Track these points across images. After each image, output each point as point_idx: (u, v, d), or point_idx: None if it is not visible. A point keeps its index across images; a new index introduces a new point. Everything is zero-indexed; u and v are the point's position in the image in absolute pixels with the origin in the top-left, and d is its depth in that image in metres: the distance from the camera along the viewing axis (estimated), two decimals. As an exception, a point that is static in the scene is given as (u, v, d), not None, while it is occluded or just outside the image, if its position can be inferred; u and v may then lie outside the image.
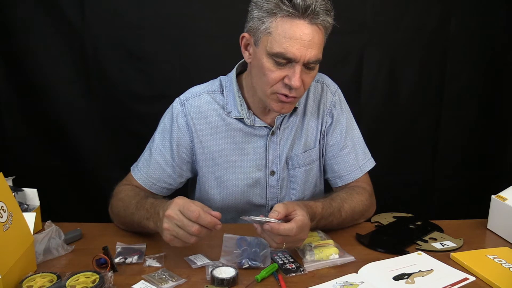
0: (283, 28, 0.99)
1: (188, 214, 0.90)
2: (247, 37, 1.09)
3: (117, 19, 1.74)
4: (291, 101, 1.09)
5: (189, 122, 1.19)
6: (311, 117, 1.24)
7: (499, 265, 0.98)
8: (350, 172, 1.26)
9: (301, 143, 1.24)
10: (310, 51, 1.00)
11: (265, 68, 1.04)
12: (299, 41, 0.99)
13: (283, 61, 1.01)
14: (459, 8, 1.83)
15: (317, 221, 1.06)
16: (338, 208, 1.11)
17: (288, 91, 1.05)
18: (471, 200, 2.00)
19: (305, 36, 0.99)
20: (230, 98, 1.20)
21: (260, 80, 1.08)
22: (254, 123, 1.19)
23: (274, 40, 1.00)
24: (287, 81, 1.03)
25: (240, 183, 1.23)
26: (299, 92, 1.07)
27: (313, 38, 0.99)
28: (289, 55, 1.00)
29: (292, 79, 1.02)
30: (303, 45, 0.99)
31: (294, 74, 1.01)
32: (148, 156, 1.22)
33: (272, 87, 1.06)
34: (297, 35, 0.98)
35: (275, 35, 1.00)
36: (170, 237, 0.92)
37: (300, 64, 1.01)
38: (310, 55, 1.00)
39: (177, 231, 0.91)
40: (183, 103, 1.21)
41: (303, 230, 0.95)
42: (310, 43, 0.99)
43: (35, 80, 1.77)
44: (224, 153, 1.21)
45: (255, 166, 1.22)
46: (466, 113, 1.96)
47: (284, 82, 1.04)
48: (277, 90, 1.06)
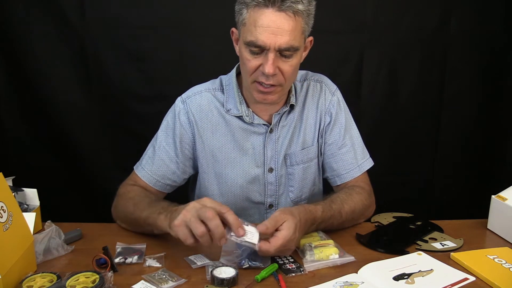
0: (254, 18, 1.03)
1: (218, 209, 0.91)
2: (234, 31, 1.14)
3: (117, 19, 1.74)
4: (271, 91, 1.11)
5: (190, 118, 1.21)
6: (309, 115, 1.25)
7: (499, 265, 0.98)
8: (349, 171, 1.26)
9: (299, 141, 1.24)
10: (280, 38, 1.02)
11: (244, 58, 1.08)
12: (267, 28, 1.02)
13: (256, 49, 1.05)
14: (459, 8, 1.83)
15: (317, 225, 1.07)
16: (339, 210, 1.12)
17: (264, 79, 1.08)
18: (471, 200, 2.00)
19: (273, 24, 1.01)
20: (230, 96, 1.22)
21: (243, 70, 1.13)
22: (253, 120, 1.20)
23: (247, 30, 1.05)
24: (262, 68, 1.06)
25: (239, 179, 1.23)
26: (277, 80, 1.08)
27: (281, 25, 1.02)
28: (259, 42, 1.03)
29: (265, 66, 1.05)
30: (271, 32, 1.02)
31: (267, 61, 1.04)
32: (152, 154, 1.23)
33: (251, 76, 1.09)
34: (265, 23, 1.02)
35: (248, 25, 1.04)
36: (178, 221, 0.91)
37: (272, 51, 1.03)
38: (280, 42, 1.02)
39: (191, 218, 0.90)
40: (184, 101, 1.23)
41: (288, 244, 0.95)
42: (278, 30, 1.02)
43: (35, 80, 1.77)
44: (224, 149, 1.22)
45: (254, 163, 1.23)
46: (466, 113, 1.96)
47: (260, 70, 1.07)
48: (255, 78, 1.10)
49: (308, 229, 1.04)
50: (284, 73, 1.08)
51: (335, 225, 1.12)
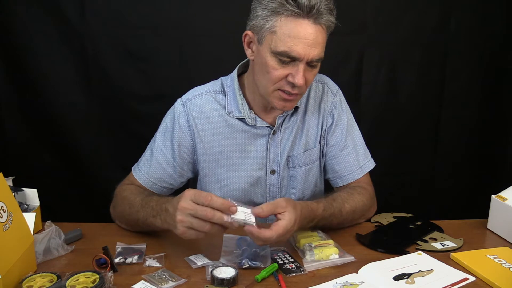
0: (287, 27, 1.00)
1: (200, 200, 0.90)
2: (250, 35, 1.10)
3: (117, 19, 1.74)
4: (293, 99, 1.11)
5: (190, 122, 1.20)
6: (312, 117, 1.25)
7: (499, 265, 0.98)
8: (351, 172, 1.26)
9: (302, 143, 1.24)
10: (313, 50, 1.02)
11: (269, 66, 1.05)
12: (303, 40, 1.00)
13: (287, 59, 1.03)
14: (459, 8, 1.83)
15: (316, 222, 1.07)
16: (339, 209, 1.11)
17: (291, 88, 1.07)
18: (471, 200, 2.00)
19: (309, 36, 1.00)
20: (231, 98, 1.20)
21: (263, 77, 1.10)
22: (255, 122, 1.19)
23: (278, 39, 1.02)
24: (291, 79, 1.05)
25: (241, 182, 1.23)
26: (301, 90, 1.08)
27: (316, 38, 1.01)
28: (294, 54, 1.01)
29: (296, 77, 1.04)
30: (307, 44, 1.01)
31: (298, 72, 1.03)
32: (149, 156, 1.22)
33: (275, 84, 1.08)
34: (301, 35, 1.00)
35: (279, 34, 1.01)
36: (183, 229, 0.91)
37: (303, 62, 1.03)
38: (313, 54, 1.02)
39: (191, 221, 0.90)
40: (184, 104, 1.21)
41: (286, 234, 0.95)
42: (313, 42, 1.01)
43: (35, 80, 1.77)
44: (226, 153, 1.22)
45: (256, 165, 1.23)
46: (466, 113, 1.96)
47: (287, 79, 1.06)
48: (280, 87, 1.08)
49: (305, 225, 1.03)
50: (307, 82, 1.08)
51: (335, 223, 1.12)
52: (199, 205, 0.90)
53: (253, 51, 1.11)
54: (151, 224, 1.03)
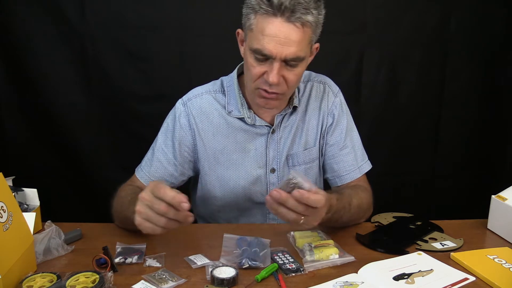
0: (262, 25, 1.01)
1: (155, 192, 0.87)
2: (240, 33, 1.13)
3: (117, 19, 1.74)
4: (274, 97, 1.10)
5: (191, 121, 1.21)
6: (312, 116, 1.25)
7: (499, 265, 0.98)
8: (349, 172, 1.26)
9: (302, 142, 1.24)
10: (286, 49, 1.01)
11: (249, 63, 1.07)
12: (275, 38, 1.00)
13: (261, 57, 1.04)
14: (459, 8, 1.83)
15: (332, 213, 1.02)
16: (349, 203, 1.10)
17: (268, 86, 1.07)
18: (471, 200, 2.00)
19: (281, 34, 1.00)
20: (231, 97, 1.21)
21: (246, 75, 1.13)
22: (254, 122, 1.20)
23: (254, 37, 1.03)
24: (266, 77, 1.06)
25: (241, 181, 1.23)
26: (281, 89, 1.08)
27: (289, 36, 1.00)
28: (266, 51, 1.02)
29: (270, 75, 1.04)
30: (278, 42, 1.01)
31: (272, 70, 1.04)
32: (151, 156, 1.23)
33: (255, 82, 1.09)
34: (272, 33, 1.00)
35: (255, 32, 1.03)
36: (140, 220, 0.88)
37: (277, 61, 1.03)
38: (287, 52, 1.02)
39: (147, 213, 0.87)
40: (185, 103, 1.22)
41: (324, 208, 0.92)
42: (286, 40, 1.01)
43: (35, 81, 1.77)
44: (226, 151, 1.22)
45: (256, 164, 1.23)
46: (466, 113, 1.96)
47: (264, 78, 1.07)
48: (258, 85, 1.09)
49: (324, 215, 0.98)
50: (288, 81, 1.07)
51: (344, 219, 1.10)
52: (156, 198, 0.86)
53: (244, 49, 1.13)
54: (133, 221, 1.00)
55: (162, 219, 0.87)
